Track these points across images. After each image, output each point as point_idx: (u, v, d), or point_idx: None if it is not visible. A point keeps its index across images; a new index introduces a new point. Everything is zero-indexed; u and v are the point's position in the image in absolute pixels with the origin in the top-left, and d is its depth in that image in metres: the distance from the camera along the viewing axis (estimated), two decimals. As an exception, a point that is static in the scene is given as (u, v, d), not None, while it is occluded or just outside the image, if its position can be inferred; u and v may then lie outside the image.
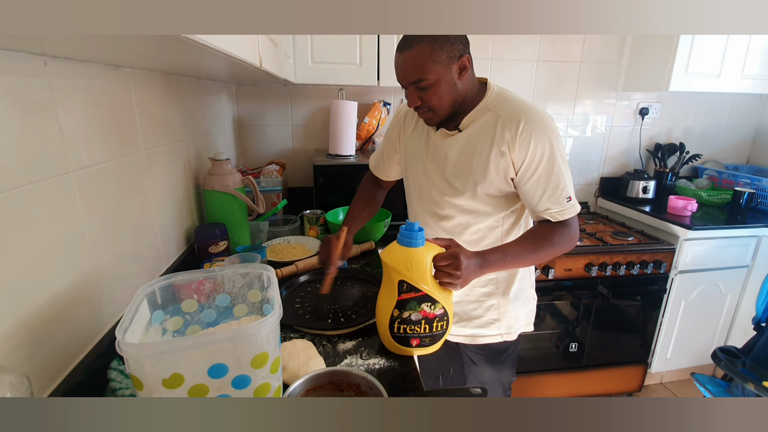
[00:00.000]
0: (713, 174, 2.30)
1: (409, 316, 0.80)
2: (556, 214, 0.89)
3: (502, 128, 0.86)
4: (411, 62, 0.82)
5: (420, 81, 0.83)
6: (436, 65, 0.81)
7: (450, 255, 0.79)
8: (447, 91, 0.85)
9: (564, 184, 0.87)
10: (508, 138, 0.85)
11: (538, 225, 0.94)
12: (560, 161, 0.86)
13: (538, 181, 0.87)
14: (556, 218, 0.89)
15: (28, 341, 0.57)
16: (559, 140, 0.86)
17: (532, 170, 0.86)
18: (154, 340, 0.64)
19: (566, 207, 0.88)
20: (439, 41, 0.80)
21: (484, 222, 0.98)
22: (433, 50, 0.80)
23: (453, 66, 0.83)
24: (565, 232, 0.90)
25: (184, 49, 0.58)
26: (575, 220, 0.91)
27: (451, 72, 0.83)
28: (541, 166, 0.85)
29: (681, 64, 1.85)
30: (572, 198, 0.89)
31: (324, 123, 1.99)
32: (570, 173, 0.89)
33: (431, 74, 0.82)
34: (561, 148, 0.87)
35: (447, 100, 0.86)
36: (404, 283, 0.78)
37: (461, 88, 0.86)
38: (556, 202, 0.88)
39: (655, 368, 2.02)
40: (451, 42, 0.81)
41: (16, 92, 0.55)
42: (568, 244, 0.91)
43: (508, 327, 1.06)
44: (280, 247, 1.37)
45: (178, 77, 1.14)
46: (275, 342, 0.58)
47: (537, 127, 0.84)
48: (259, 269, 0.71)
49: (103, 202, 0.75)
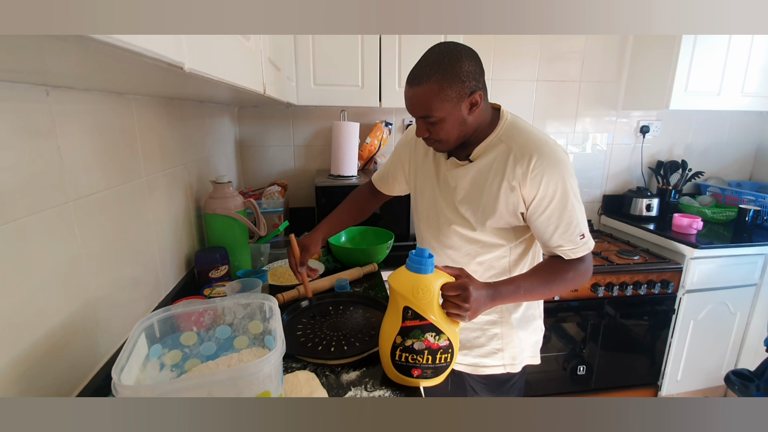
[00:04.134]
0: (716, 191, 2.29)
1: (412, 345, 0.77)
2: (568, 251, 0.86)
3: (513, 163, 0.84)
4: (419, 99, 0.81)
5: (428, 117, 0.82)
6: (445, 104, 0.79)
7: (459, 285, 0.76)
8: (455, 127, 0.83)
9: (577, 222, 0.84)
10: (520, 173, 0.83)
11: (550, 259, 0.91)
12: (573, 198, 0.84)
13: (550, 218, 0.84)
14: (569, 256, 0.87)
15: (24, 376, 0.55)
16: (572, 177, 0.84)
17: (543, 207, 0.84)
18: (152, 375, 0.61)
19: (579, 245, 0.86)
20: (449, 80, 0.78)
21: (492, 253, 0.95)
22: (442, 89, 0.78)
23: (462, 104, 0.81)
24: (580, 268, 0.88)
25: (189, 81, 0.58)
26: (589, 256, 0.89)
27: (460, 109, 0.81)
28: (554, 203, 0.83)
29: (681, 83, 1.86)
30: (585, 235, 0.86)
31: (326, 143, 2.00)
32: (583, 210, 0.87)
33: (439, 111, 0.80)
34: (574, 185, 0.84)
35: (454, 135, 0.85)
36: (409, 310, 0.76)
37: (471, 122, 0.85)
38: (569, 240, 0.85)
39: (666, 391, 1.97)
40: (462, 80, 0.78)
41: (17, 122, 0.55)
42: (581, 280, 0.89)
43: (512, 358, 1.02)
44: (281, 270, 1.35)
45: (181, 101, 1.14)
46: (277, 379, 0.56)
47: (550, 163, 0.82)
48: (261, 299, 0.69)
49: (101, 230, 0.74)
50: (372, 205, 1.24)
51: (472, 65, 0.79)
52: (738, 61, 1.89)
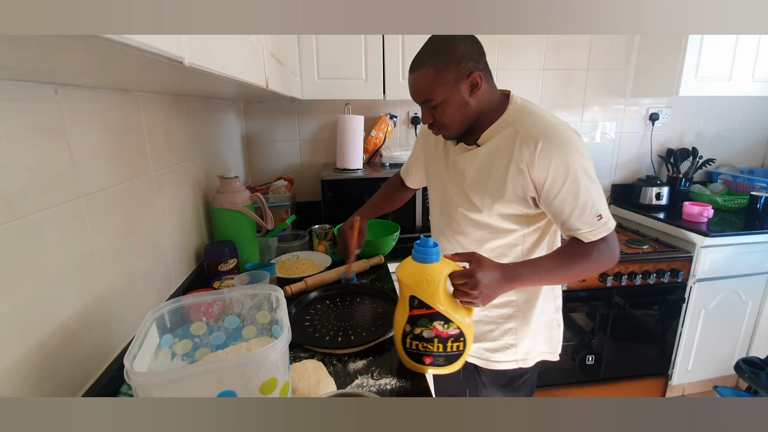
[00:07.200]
0: (728, 178, 2.25)
1: (421, 333, 0.78)
2: (587, 234, 0.83)
3: (520, 145, 0.82)
4: (418, 84, 0.83)
5: (428, 101, 0.84)
6: (442, 86, 0.81)
7: (465, 273, 0.77)
8: (457, 110, 0.84)
9: (592, 203, 0.81)
10: (527, 156, 0.81)
11: (572, 240, 0.87)
12: (585, 179, 0.80)
13: (564, 201, 0.82)
14: (588, 239, 0.84)
15: (39, 367, 0.57)
16: (584, 157, 0.81)
17: (556, 190, 0.81)
18: (164, 364, 0.63)
19: (597, 226, 0.82)
20: (443, 62, 0.79)
21: (503, 239, 0.93)
22: (438, 72, 0.80)
23: (461, 85, 0.82)
24: (603, 248, 0.84)
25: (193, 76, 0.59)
26: (612, 237, 0.85)
27: (460, 91, 0.82)
28: (566, 185, 0.80)
29: (690, 69, 1.83)
30: (603, 216, 0.82)
31: (331, 137, 2.01)
32: (600, 190, 0.83)
33: (438, 95, 0.82)
34: (586, 165, 0.81)
35: (457, 118, 0.85)
36: (415, 299, 0.77)
37: (474, 105, 0.85)
38: (586, 222, 0.82)
39: (677, 380, 1.96)
40: (458, 62, 0.80)
41: (27, 121, 0.56)
42: (607, 262, 0.85)
43: (525, 353, 1.00)
44: (289, 263, 1.37)
45: (187, 98, 1.16)
46: (284, 367, 0.57)
47: (558, 144, 0.79)
48: (268, 290, 0.71)
49: (112, 225, 0.76)
50: (402, 195, 1.29)
51: (468, 47, 0.80)
52: (748, 45, 1.85)
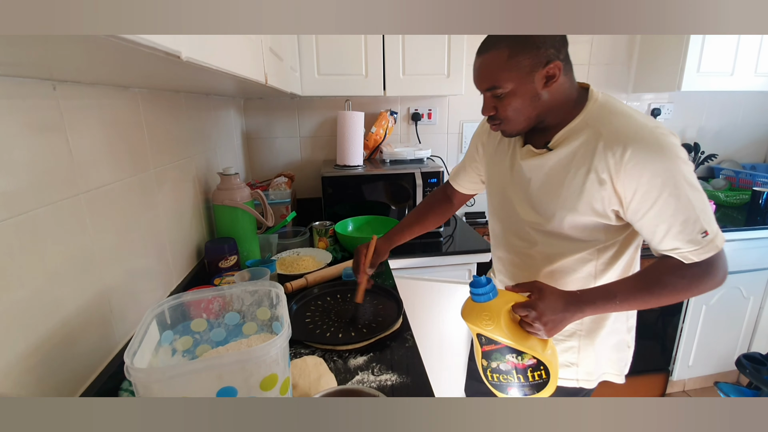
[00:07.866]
0: (730, 174, 2.24)
1: (498, 366, 0.77)
2: (688, 254, 0.69)
3: (603, 150, 0.70)
4: (486, 67, 0.72)
5: (494, 88, 0.73)
6: (514, 72, 0.70)
7: (527, 305, 0.72)
8: (526, 103, 0.73)
9: (696, 216, 0.67)
10: (612, 164, 0.69)
11: (662, 259, 0.74)
12: (687, 189, 0.67)
13: (660, 215, 0.69)
14: (690, 259, 0.70)
15: (40, 364, 0.57)
16: (685, 162, 0.68)
17: (648, 204, 0.69)
18: (164, 361, 0.63)
19: (702, 244, 0.68)
20: (520, 44, 0.68)
21: (573, 254, 0.81)
22: (512, 55, 0.69)
23: (536, 74, 0.70)
24: (707, 270, 0.70)
25: (190, 71, 0.58)
26: (720, 257, 0.70)
27: (533, 81, 0.71)
28: (662, 198, 0.67)
29: (693, 64, 1.82)
30: (710, 231, 0.68)
31: (331, 134, 2.00)
32: (705, 199, 0.69)
33: (507, 82, 0.71)
34: (687, 172, 0.68)
35: (524, 113, 0.74)
36: (482, 337, 0.75)
37: (547, 100, 0.73)
38: (688, 240, 0.68)
39: (677, 376, 1.96)
40: (537, 46, 0.68)
41: (26, 117, 0.56)
42: (709, 286, 0.71)
43: (587, 374, 0.90)
44: (290, 259, 1.37)
45: (187, 94, 1.15)
46: (284, 363, 0.57)
47: (652, 150, 0.67)
48: (268, 287, 0.71)
49: (113, 222, 0.76)
50: (443, 210, 1.13)
51: None
52: (751, 40, 1.83)
